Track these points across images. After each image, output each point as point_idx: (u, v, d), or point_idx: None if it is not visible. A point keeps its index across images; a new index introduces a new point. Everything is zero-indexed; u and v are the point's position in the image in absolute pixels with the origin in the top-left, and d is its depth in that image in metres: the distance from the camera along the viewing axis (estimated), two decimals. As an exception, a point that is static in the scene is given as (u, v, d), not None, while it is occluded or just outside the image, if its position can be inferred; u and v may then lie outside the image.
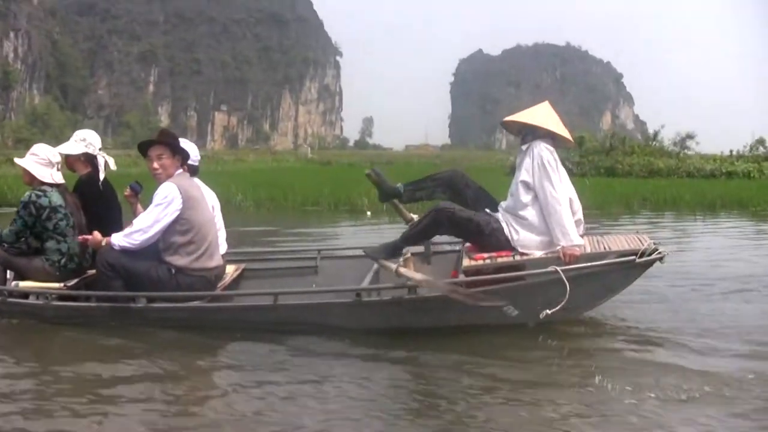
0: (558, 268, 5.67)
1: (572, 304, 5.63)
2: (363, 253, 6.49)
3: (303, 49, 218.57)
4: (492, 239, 6.09)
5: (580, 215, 6.39)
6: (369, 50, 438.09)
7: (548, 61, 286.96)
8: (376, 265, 6.74)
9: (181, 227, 5.90)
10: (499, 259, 5.96)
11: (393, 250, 6.35)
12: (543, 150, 6.01)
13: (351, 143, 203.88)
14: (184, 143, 6.47)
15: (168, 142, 6.06)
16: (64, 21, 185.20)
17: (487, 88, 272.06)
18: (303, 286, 6.78)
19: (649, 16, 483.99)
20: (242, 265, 7.10)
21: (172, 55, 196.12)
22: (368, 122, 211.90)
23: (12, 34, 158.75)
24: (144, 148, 6.08)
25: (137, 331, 5.90)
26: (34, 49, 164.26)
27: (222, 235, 6.82)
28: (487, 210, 6.27)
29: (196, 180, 6.53)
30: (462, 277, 5.97)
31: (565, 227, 5.89)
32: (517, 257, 5.95)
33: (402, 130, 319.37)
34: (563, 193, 6.02)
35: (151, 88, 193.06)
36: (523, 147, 6.24)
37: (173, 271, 5.92)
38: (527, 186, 6.09)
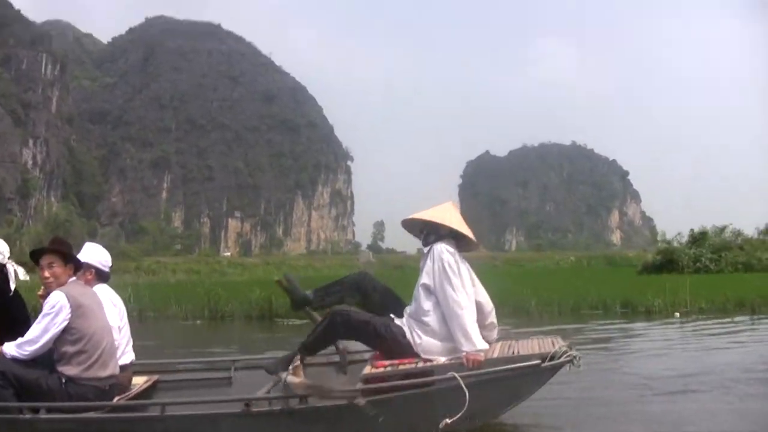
0: (456, 375, 5.68)
1: (474, 412, 5.65)
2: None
3: (314, 154, 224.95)
4: (393, 343, 6.15)
5: (492, 318, 6.51)
6: (379, 155, 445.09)
7: (554, 161, 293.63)
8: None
9: (71, 336, 5.92)
10: (401, 367, 5.97)
11: (291, 362, 6.41)
12: (443, 252, 6.10)
13: (364, 247, 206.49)
14: (93, 247, 6.93)
15: (59, 250, 6.22)
16: (78, 128, 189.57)
17: (495, 189, 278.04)
18: (212, 408, 6.25)
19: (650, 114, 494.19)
20: (155, 377, 7.12)
21: (184, 161, 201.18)
22: (379, 226, 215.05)
23: (31, 142, 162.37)
24: (36, 256, 6.26)
25: None
26: (52, 157, 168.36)
27: (128, 343, 6.88)
28: (392, 315, 6.33)
29: (104, 287, 6.74)
30: (360, 385, 5.96)
31: (468, 331, 5.89)
32: (420, 364, 5.98)
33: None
34: (465, 296, 6.04)
35: (164, 194, 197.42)
36: (425, 249, 6.39)
37: (63, 380, 5.91)
38: (428, 290, 6.15)
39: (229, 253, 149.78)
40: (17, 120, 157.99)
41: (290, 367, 6.20)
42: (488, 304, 6.50)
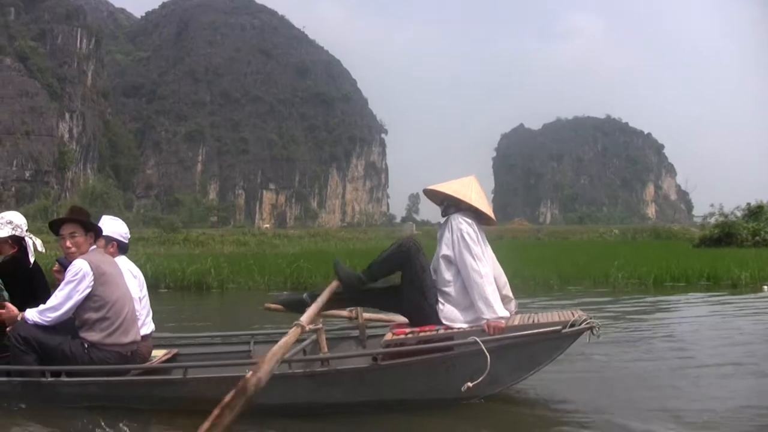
0: (478, 339, 5.74)
1: (495, 377, 5.73)
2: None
3: (349, 127, 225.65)
4: (425, 305, 6.20)
5: (507, 291, 6.54)
6: (413, 128, 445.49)
7: (589, 134, 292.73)
8: (307, 341, 6.91)
9: (94, 303, 6.07)
10: (421, 333, 6.03)
11: (357, 282, 6.52)
12: (461, 222, 6.21)
13: (398, 220, 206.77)
14: (113, 220, 7.06)
15: (80, 219, 6.34)
16: (113, 102, 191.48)
17: (530, 162, 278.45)
18: (235, 371, 6.27)
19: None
20: (174, 350, 7.25)
21: (219, 134, 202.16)
22: (414, 199, 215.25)
23: (67, 116, 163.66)
24: (56, 226, 6.39)
25: (50, 408, 6.08)
26: (88, 130, 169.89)
27: (148, 314, 7.01)
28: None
29: (123, 258, 6.95)
30: (382, 349, 6.06)
31: (489, 299, 5.96)
32: (441, 330, 6.04)
33: None
34: (485, 265, 6.13)
35: (199, 167, 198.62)
36: (442, 220, 6.53)
37: (86, 345, 6.05)
38: (448, 260, 6.25)
39: (267, 225, 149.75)
40: (53, 94, 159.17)
41: (314, 328, 6.28)
42: (502, 277, 6.58)
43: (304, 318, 5.76)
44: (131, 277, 6.83)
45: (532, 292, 17.22)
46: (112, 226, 6.98)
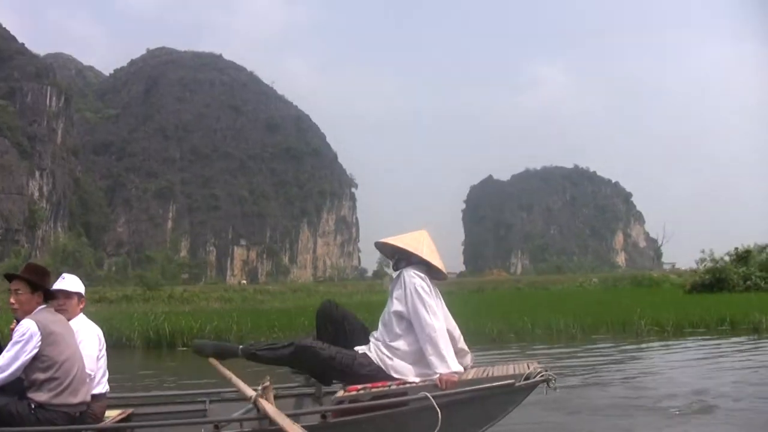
0: (429, 395, 5.64)
1: None
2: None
3: (319, 181, 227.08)
4: (362, 375, 6.11)
5: (462, 344, 6.52)
6: (383, 181, 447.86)
7: (558, 184, 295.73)
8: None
9: (42, 363, 5.98)
10: (374, 389, 5.95)
11: (227, 353, 6.62)
12: (413, 276, 6.08)
13: (369, 273, 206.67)
14: (75, 278, 6.91)
15: (25, 277, 6.18)
16: (83, 160, 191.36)
17: (500, 213, 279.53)
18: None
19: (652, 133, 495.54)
20: (129, 410, 7.11)
21: (189, 191, 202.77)
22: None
23: (38, 174, 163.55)
24: (9, 280, 6.28)
25: None
26: (59, 188, 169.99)
27: (104, 374, 6.91)
28: (357, 348, 6.30)
29: (82, 316, 6.85)
30: (332, 407, 6.05)
31: (442, 353, 5.90)
32: (393, 386, 5.95)
33: None
34: (439, 319, 6.03)
35: (169, 224, 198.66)
36: (395, 274, 6.39)
37: (33, 406, 5.95)
38: (400, 316, 6.13)
39: (244, 281, 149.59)
40: (23, 152, 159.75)
41: (260, 388, 5.96)
42: (455, 330, 6.52)
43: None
44: (91, 335, 6.78)
45: (555, 340, 18.16)
46: (78, 282, 6.89)
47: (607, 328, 20.21)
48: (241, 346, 6.68)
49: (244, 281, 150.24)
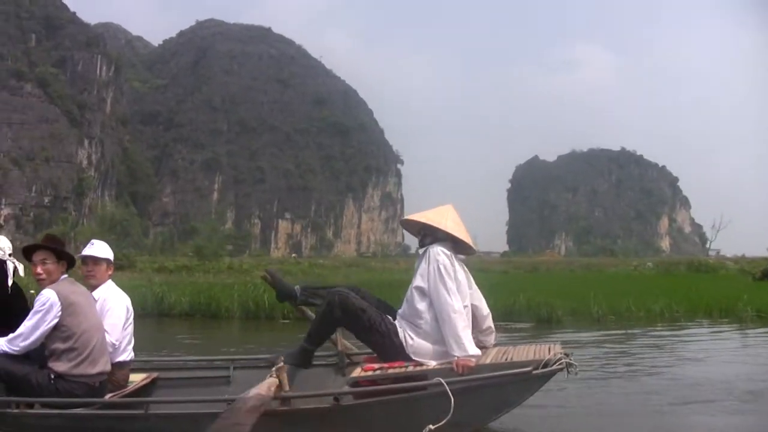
0: (443, 380, 5.56)
1: (461, 419, 5.54)
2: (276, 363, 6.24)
3: (365, 157, 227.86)
4: (386, 339, 6.11)
5: (489, 323, 6.52)
6: (429, 158, 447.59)
7: (603, 166, 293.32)
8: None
9: (62, 333, 6.01)
10: (390, 370, 5.92)
11: (303, 355, 6.45)
12: (439, 254, 6.04)
13: (412, 250, 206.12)
14: (104, 244, 6.99)
15: (51, 247, 6.29)
16: (131, 129, 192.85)
17: (544, 193, 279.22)
18: (214, 396, 6.52)
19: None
20: (154, 374, 7.16)
21: (235, 163, 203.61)
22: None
23: (86, 142, 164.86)
24: (28, 252, 6.34)
25: None
26: (107, 157, 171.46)
27: (130, 342, 6.93)
28: (392, 320, 6.26)
29: (109, 284, 6.90)
30: (346, 388, 6.03)
31: (460, 336, 5.85)
32: (410, 368, 5.93)
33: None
34: (459, 300, 5.98)
35: (215, 195, 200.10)
36: (420, 250, 6.36)
37: (53, 376, 5.98)
38: (422, 292, 6.10)
39: (294, 254, 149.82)
40: (73, 120, 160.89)
41: (274, 369, 5.98)
42: (484, 309, 6.52)
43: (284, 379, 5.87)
44: (118, 304, 6.84)
45: (656, 322, 17.91)
46: (107, 249, 6.97)
47: (704, 312, 19.64)
48: (297, 287, 6.85)
49: (294, 255, 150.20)
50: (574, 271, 65.70)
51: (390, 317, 6.26)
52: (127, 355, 6.86)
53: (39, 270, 6.20)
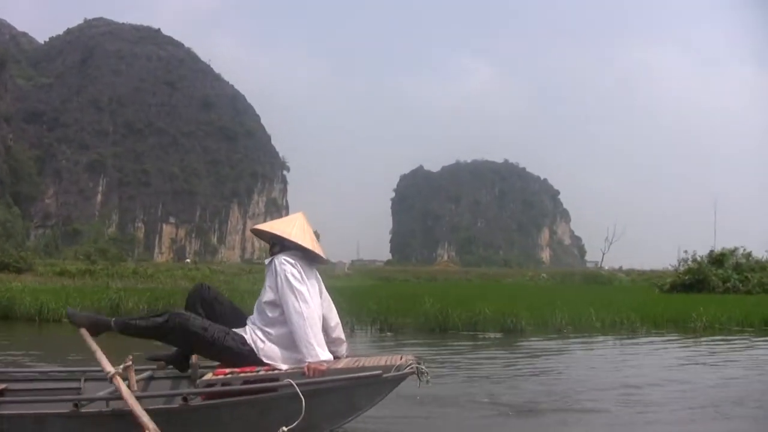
0: (293, 382, 5.68)
1: (312, 422, 5.65)
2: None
3: (251, 163, 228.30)
4: (232, 353, 6.20)
5: (339, 333, 6.70)
6: (315, 165, 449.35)
7: (487, 178, 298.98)
8: (145, 375, 6.90)
9: None
10: (242, 374, 6.00)
11: (100, 325, 6.45)
12: (284, 263, 6.19)
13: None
14: None
15: None
16: (14, 128, 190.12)
17: (428, 203, 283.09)
18: (63, 409, 5.96)
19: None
20: (2, 385, 6.91)
21: (121, 165, 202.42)
22: (315, 237, 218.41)
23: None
24: None
25: None
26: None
27: None
28: (237, 331, 6.33)
29: None
30: (195, 389, 6.15)
31: (310, 341, 5.97)
32: (262, 371, 6.03)
33: (347, 244, 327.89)
34: (309, 306, 6.10)
35: (99, 197, 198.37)
36: (266, 261, 6.52)
37: None
38: (274, 304, 6.27)
39: (189, 260, 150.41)
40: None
41: (121, 367, 5.96)
42: (334, 319, 6.68)
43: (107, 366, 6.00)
44: None
45: (617, 333, 18.92)
46: None
47: (652, 324, 20.44)
48: (114, 318, 6.66)
49: (188, 260, 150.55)
50: (471, 281, 67.18)
51: (235, 325, 6.41)
52: None
53: None
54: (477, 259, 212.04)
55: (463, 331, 18.28)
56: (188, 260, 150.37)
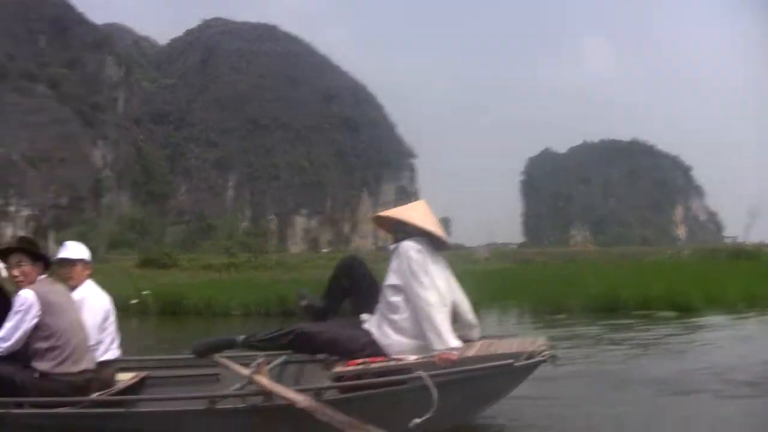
0: (423, 374, 5.55)
1: (444, 413, 5.49)
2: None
3: (377, 152, 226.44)
4: (358, 347, 6.15)
5: (470, 317, 6.52)
6: (442, 152, 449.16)
7: (615, 157, 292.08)
8: (279, 360, 7.03)
9: (42, 333, 6.15)
10: (373, 365, 5.94)
11: (225, 345, 6.61)
12: (410, 249, 6.10)
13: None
14: (79, 245, 7.23)
15: (27, 249, 6.46)
16: (143, 129, 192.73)
17: (558, 184, 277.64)
18: (179, 405, 6.30)
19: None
20: (143, 373, 7.25)
21: (249, 160, 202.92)
22: (445, 222, 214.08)
23: (101, 142, 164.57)
24: (4, 255, 6.52)
25: None
26: (122, 156, 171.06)
27: (113, 340, 7.09)
28: (362, 316, 6.40)
29: (90, 283, 7.12)
30: (328, 383, 6.04)
31: (439, 329, 5.84)
32: (392, 362, 5.94)
33: (478, 229, 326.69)
34: (435, 294, 6.00)
35: (230, 193, 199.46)
36: (391, 247, 6.43)
37: (37, 375, 6.08)
38: (397, 289, 6.14)
39: (325, 249, 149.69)
40: (86, 121, 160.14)
41: (254, 364, 6.03)
42: (464, 303, 6.50)
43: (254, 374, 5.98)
44: (95, 304, 6.98)
45: None
46: (83, 249, 7.16)
47: None
48: (240, 338, 6.61)
49: (325, 249, 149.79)
50: (612, 261, 63.84)
51: (365, 315, 6.35)
52: (111, 354, 7.06)
53: (15, 272, 6.40)
54: (610, 239, 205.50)
55: (634, 311, 17.53)
56: (325, 250, 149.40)
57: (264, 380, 5.88)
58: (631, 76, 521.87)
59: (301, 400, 5.61)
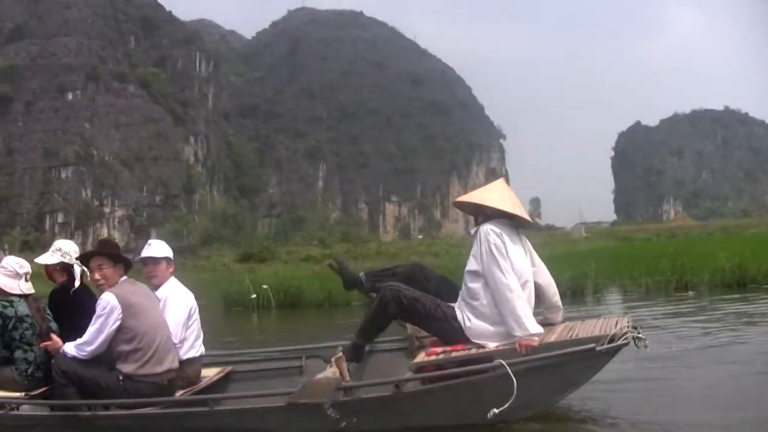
0: (504, 362, 5.42)
1: (525, 400, 5.37)
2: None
3: (466, 134, 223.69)
4: (444, 323, 6.00)
5: (556, 299, 6.34)
6: (530, 132, 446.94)
7: (708, 127, 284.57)
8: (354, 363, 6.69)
9: (125, 335, 6.10)
10: (453, 353, 5.82)
11: (354, 350, 6.34)
12: (489, 233, 5.86)
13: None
14: (162, 242, 7.07)
15: (107, 252, 6.44)
16: (233, 123, 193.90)
17: (649, 159, 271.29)
18: (287, 388, 6.26)
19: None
20: (228, 368, 7.32)
21: (338, 149, 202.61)
22: (536, 203, 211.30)
23: (192, 139, 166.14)
24: (85, 259, 6.55)
25: None
26: (213, 152, 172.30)
27: (198, 337, 6.99)
28: (449, 304, 6.13)
29: (171, 282, 6.95)
30: (409, 374, 5.90)
31: (519, 316, 5.66)
32: (473, 350, 5.80)
33: (569, 208, 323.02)
34: (515, 279, 5.78)
35: (320, 183, 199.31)
36: (472, 231, 6.21)
37: (121, 378, 6.09)
38: (476, 274, 5.96)
39: (420, 236, 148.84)
40: (177, 118, 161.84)
41: (333, 359, 5.91)
42: (551, 286, 6.34)
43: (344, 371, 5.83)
44: (178, 302, 6.87)
45: None
46: (166, 248, 7.03)
47: None
48: (362, 273, 6.82)
49: (420, 236, 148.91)
50: (713, 235, 62.53)
51: (448, 301, 6.19)
52: (196, 351, 6.96)
53: (97, 276, 6.37)
54: (705, 213, 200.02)
55: (765, 285, 16.66)
56: (420, 237, 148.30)
57: (344, 373, 5.78)
58: (723, 45, 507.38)
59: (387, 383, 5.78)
